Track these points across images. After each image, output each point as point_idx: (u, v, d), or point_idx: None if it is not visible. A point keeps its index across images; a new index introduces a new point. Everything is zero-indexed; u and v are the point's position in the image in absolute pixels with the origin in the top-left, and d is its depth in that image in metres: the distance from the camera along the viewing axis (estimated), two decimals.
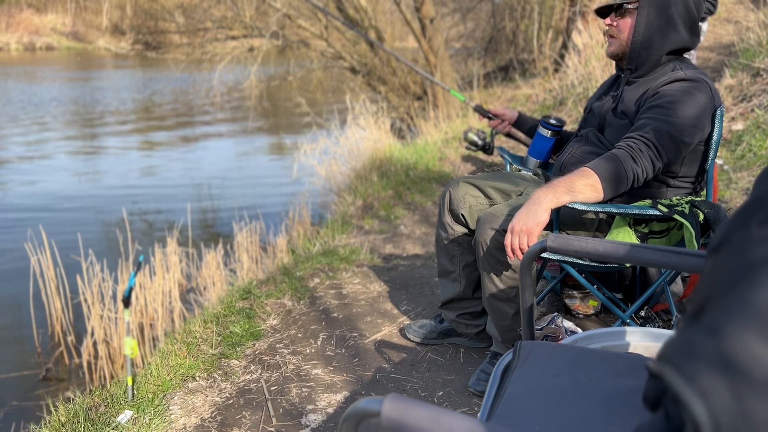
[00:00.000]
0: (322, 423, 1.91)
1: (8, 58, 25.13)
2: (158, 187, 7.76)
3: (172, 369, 2.18)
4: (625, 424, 0.99)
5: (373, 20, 9.72)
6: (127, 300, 2.01)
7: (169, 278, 4.15)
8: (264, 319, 2.59)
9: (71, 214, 6.61)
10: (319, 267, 3.10)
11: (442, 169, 5.21)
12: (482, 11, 12.71)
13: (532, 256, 1.27)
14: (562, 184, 1.69)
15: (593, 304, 2.43)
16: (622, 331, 1.37)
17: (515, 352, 1.23)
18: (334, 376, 2.16)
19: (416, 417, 0.63)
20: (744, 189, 3.60)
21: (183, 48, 12.22)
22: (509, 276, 1.88)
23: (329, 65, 10.61)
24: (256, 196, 7.34)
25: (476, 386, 2.01)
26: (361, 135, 6.57)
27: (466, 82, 10.06)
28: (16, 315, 4.35)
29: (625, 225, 1.84)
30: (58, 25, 31.60)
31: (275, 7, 9.87)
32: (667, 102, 1.77)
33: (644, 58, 1.88)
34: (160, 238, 5.23)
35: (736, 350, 0.45)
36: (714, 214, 1.77)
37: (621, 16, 1.90)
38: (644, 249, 1.13)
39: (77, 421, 1.89)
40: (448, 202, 2.13)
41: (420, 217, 4.07)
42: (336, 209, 4.78)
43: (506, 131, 2.41)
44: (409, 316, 2.59)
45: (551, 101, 6.80)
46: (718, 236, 0.59)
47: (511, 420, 1.04)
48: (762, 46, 5.36)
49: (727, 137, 4.36)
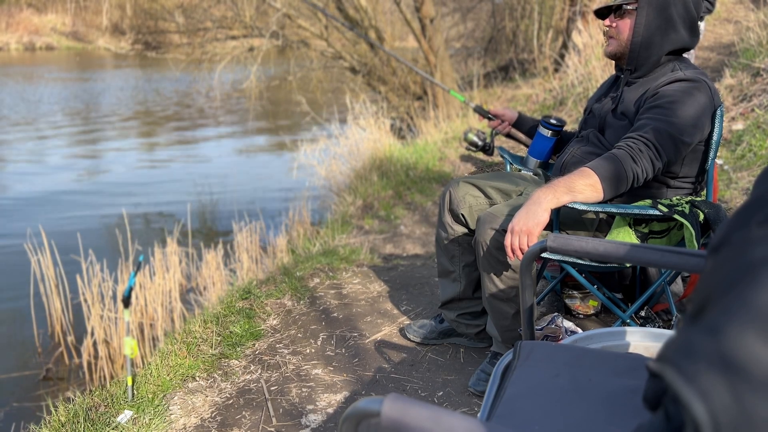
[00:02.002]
0: (322, 423, 1.91)
1: (8, 58, 25.13)
2: (158, 187, 7.76)
3: (172, 369, 2.18)
4: (625, 424, 0.99)
5: (373, 20, 9.72)
6: (127, 300, 2.02)
7: (169, 278, 4.15)
8: (264, 319, 2.59)
9: (71, 214, 6.61)
10: (319, 267, 3.10)
11: (442, 169, 5.21)
12: (482, 11, 12.72)
13: (532, 256, 1.27)
14: (562, 184, 1.69)
15: (593, 304, 2.44)
16: (622, 331, 1.37)
17: (515, 352, 1.23)
18: (334, 376, 2.16)
19: (416, 417, 0.63)
20: (744, 189, 3.60)
21: (183, 48, 12.23)
22: (509, 276, 1.88)
23: (329, 65, 10.61)
24: (256, 196, 7.34)
25: (476, 386, 2.02)
26: (361, 135, 6.57)
27: (466, 82, 10.06)
28: (16, 315, 4.35)
29: (625, 225, 1.84)
30: (58, 25, 31.60)
31: (275, 7, 9.88)
32: (666, 102, 1.77)
33: (644, 59, 1.88)
34: (160, 238, 5.23)
35: (736, 350, 0.45)
36: (714, 214, 1.77)
37: (620, 16, 1.90)
38: (644, 249, 1.13)
39: (77, 421, 1.89)
40: (448, 202, 2.13)
41: (420, 217, 4.07)
42: (336, 209, 4.78)
43: (506, 132, 2.40)
44: (409, 316, 2.59)
45: (551, 101, 6.80)
46: (718, 236, 0.59)
47: (511, 420, 1.04)
48: (762, 46, 5.36)
49: (727, 137, 4.36)
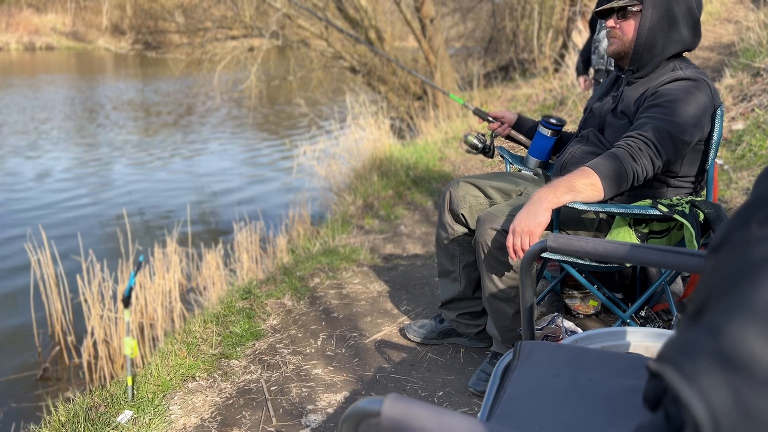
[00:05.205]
0: (322, 423, 1.91)
1: (8, 58, 25.13)
2: (158, 187, 7.76)
3: (172, 369, 2.18)
4: (626, 424, 0.99)
5: (373, 20, 9.73)
6: (127, 300, 2.01)
7: (169, 278, 4.15)
8: (264, 319, 2.59)
9: (71, 214, 6.61)
10: (319, 267, 3.10)
11: (442, 169, 5.21)
12: (482, 11, 12.72)
13: (533, 256, 1.27)
14: (562, 183, 1.69)
15: (593, 304, 2.44)
16: (622, 331, 1.37)
17: (515, 352, 1.23)
18: (334, 376, 2.16)
19: (416, 417, 0.63)
20: (744, 189, 3.60)
21: (183, 48, 12.24)
22: (509, 276, 1.88)
23: (329, 65, 10.62)
24: (256, 196, 7.34)
25: (476, 386, 2.01)
26: (360, 135, 6.57)
27: (466, 82, 10.06)
28: (16, 315, 4.35)
29: (625, 225, 1.84)
30: (58, 25, 31.61)
31: (275, 7, 9.88)
32: (666, 101, 1.77)
33: (647, 60, 1.87)
34: (160, 238, 5.23)
35: (736, 350, 0.45)
36: (714, 214, 1.77)
37: (623, 18, 1.88)
38: (644, 249, 1.13)
39: (77, 421, 1.89)
40: (449, 202, 2.13)
41: (420, 217, 4.07)
42: (336, 209, 4.78)
43: (506, 134, 2.40)
44: (409, 316, 2.59)
45: (551, 101, 6.80)
46: (718, 236, 0.59)
47: (511, 420, 1.04)
48: (762, 46, 5.36)
49: (727, 137, 4.36)
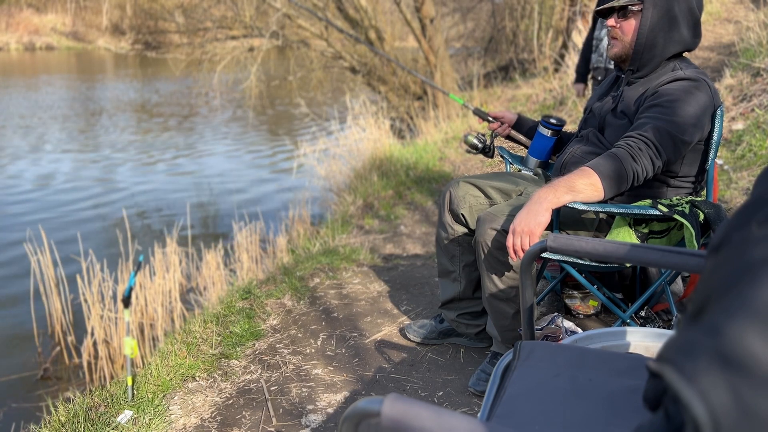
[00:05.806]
0: (322, 423, 1.91)
1: (8, 58, 25.13)
2: (158, 187, 7.76)
3: (172, 369, 2.18)
4: (626, 424, 0.99)
5: (373, 20, 9.73)
6: (127, 300, 2.01)
7: (169, 278, 4.15)
8: (264, 319, 2.59)
9: (71, 214, 6.61)
10: (319, 267, 3.10)
11: (442, 169, 5.21)
12: (482, 11, 12.73)
13: (533, 256, 1.27)
14: (562, 183, 1.69)
15: (593, 304, 2.44)
16: (622, 331, 1.37)
17: (515, 352, 1.23)
18: (334, 376, 2.16)
19: (416, 417, 0.63)
20: (744, 189, 3.60)
21: (183, 48, 12.24)
22: (509, 276, 1.88)
23: (329, 65, 10.62)
24: (256, 196, 7.34)
25: (476, 386, 2.01)
26: (360, 135, 6.58)
27: (466, 82, 10.06)
28: (16, 315, 4.35)
29: (625, 225, 1.84)
30: (58, 25, 31.62)
31: (275, 7, 9.88)
32: (666, 101, 1.77)
33: (647, 60, 1.87)
34: (160, 238, 5.23)
35: (736, 350, 0.45)
36: (714, 214, 1.77)
37: (624, 17, 1.88)
38: (644, 249, 1.13)
39: (77, 421, 1.89)
40: (449, 202, 2.13)
41: (420, 217, 4.07)
42: (336, 209, 4.78)
43: (506, 134, 2.40)
44: (409, 316, 2.59)
45: (551, 101, 6.81)
46: (718, 236, 0.59)
47: (511, 420, 1.04)
48: (762, 46, 5.36)
49: (727, 137, 4.36)
